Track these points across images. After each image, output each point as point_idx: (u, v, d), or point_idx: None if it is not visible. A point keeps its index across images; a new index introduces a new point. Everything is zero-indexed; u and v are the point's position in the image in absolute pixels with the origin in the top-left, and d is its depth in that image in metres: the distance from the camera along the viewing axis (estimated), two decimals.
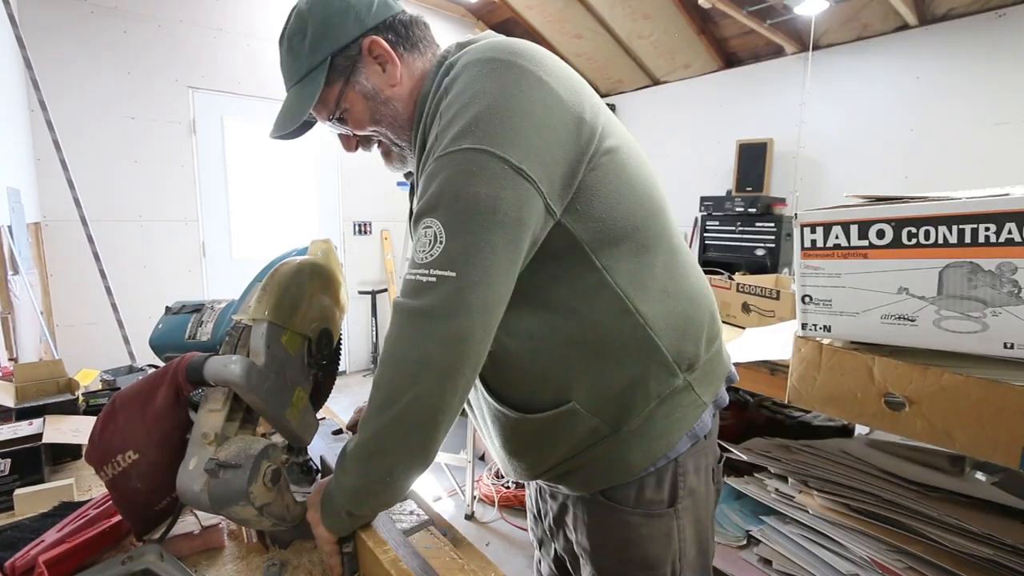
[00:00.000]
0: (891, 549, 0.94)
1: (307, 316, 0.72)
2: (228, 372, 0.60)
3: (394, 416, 0.57)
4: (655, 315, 0.66)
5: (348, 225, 4.51)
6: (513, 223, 0.57)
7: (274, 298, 0.67)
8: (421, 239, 0.58)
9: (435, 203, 0.58)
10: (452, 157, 0.57)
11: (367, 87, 0.72)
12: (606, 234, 0.63)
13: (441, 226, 0.56)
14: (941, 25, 3.87)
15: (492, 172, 0.56)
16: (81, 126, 3.18)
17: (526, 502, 0.99)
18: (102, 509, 0.73)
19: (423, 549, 0.67)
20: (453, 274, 0.55)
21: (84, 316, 3.22)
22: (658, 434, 0.69)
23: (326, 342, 0.75)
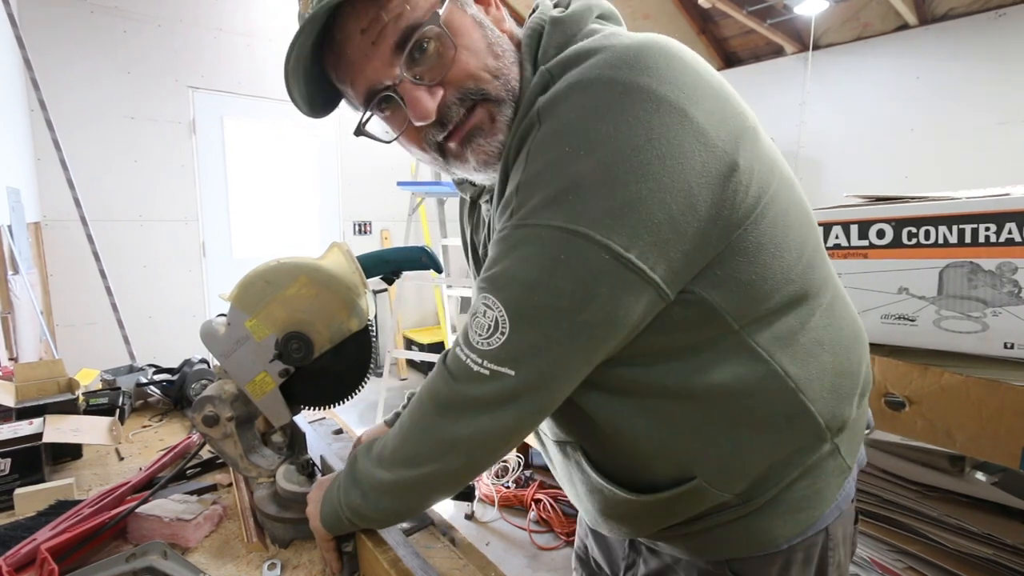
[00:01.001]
0: (891, 549, 0.94)
1: (274, 313, 0.74)
2: (202, 327, 0.75)
3: (412, 478, 0.54)
4: (807, 375, 0.53)
5: (348, 225, 4.51)
6: (603, 323, 0.45)
7: (240, 286, 0.74)
8: (480, 318, 0.48)
9: (503, 284, 0.46)
10: (536, 233, 0.44)
11: (476, 13, 0.52)
12: (754, 297, 0.49)
13: (506, 315, 0.46)
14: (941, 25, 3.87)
15: (586, 263, 0.43)
16: (81, 126, 3.18)
17: (575, 541, 0.87)
18: (96, 507, 0.74)
19: (423, 549, 0.67)
20: (512, 373, 0.47)
21: (84, 316, 3.22)
22: (798, 506, 0.57)
23: (296, 346, 0.75)
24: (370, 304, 0.78)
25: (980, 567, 0.84)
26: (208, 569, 0.65)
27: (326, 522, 0.63)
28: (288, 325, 0.74)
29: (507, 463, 2.63)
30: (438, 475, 0.53)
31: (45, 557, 0.60)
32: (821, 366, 0.54)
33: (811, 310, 0.53)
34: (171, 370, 1.35)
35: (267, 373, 0.75)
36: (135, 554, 0.62)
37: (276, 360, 0.75)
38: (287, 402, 0.78)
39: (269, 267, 0.74)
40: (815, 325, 0.54)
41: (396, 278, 0.87)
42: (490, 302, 0.47)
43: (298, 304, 0.74)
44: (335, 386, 0.81)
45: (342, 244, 0.77)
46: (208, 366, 1.30)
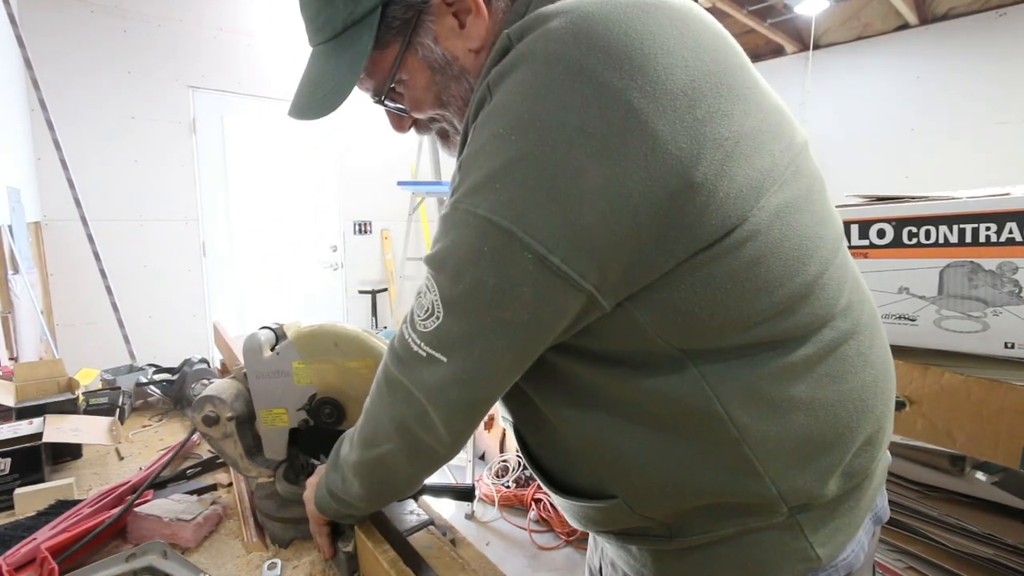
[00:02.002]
0: (891, 549, 0.94)
1: (326, 373, 0.74)
2: (249, 338, 0.73)
3: (372, 458, 0.54)
4: (761, 431, 0.44)
5: (348, 224, 4.51)
6: (526, 324, 0.42)
7: (308, 334, 0.72)
8: (421, 298, 0.47)
9: (438, 265, 0.44)
10: (465, 219, 0.41)
11: (436, 54, 0.51)
12: (698, 330, 0.43)
13: (440, 300, 0.44)
14: (941, 24, 3.87)
15: (510, 260, 0.40)
16: (81, 126, 3.19)
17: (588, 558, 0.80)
18: (96, 507, 0.74)
19: (423, 549, 0.67)
20: (444, 360, 0.44)
21: (84, 316, 3.22)
22: (735, 569, 0.49)
23: (329, 411, 0.75)
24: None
25: (980, 567, 0.84)
26: (208, 569, 0.65)
27: (318, 504, 0.63)
28: (332, 391, 0.74)
29: (507, 463, 2.64)
30: (393, 455, 0.52)
31: (45, 557, 0.60)
32: (786, 426, 0.45)
33: (789, 362, 0.44)
34: (171, 370, 1.35)
35: (287, 412, 0.75)
36: (135, 554, 0.62)
37: (302, 410, 0.75)
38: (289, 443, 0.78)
39: (347, 334, 0.73)
40: (792, 377, 0.44)
41: None
42: (429, 284, 0.45)
43: (352, 380, 0.74)
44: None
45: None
46: (208, 366, 1.30)
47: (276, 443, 0.77)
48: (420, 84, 0.53)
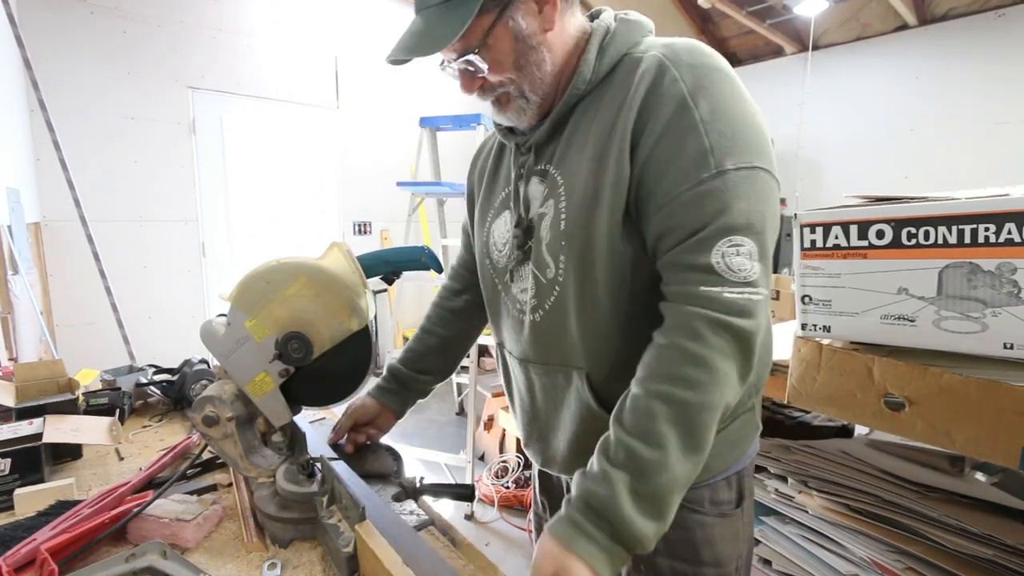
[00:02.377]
0: (891, 549, 0.94)
1: (274, 313, 0.74)
2: (202, 327, 0.76)
3: (704, 441, 0.56)
4: (765, 340, 0.69)
5: (348, 225, 4.51)
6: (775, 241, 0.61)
7: (240, 287, 0.74)
8: (734, 256, 0.56)
9: (747, 221, 0.56)
10: (750, 176, 0.57)
11: (521, 26, 0.64)
12: None
13: (755, 246, 0.56)
14: (941, 25, 3.87)
15: (775, 193, 0.60)
16: (81, 126, 3.18)
17: (532, 504, 0.98)
18: (96, 507, 0.74)
19: None
20: (767, 292, 0.58)
21: (84, 316, 3.22)
22: (731, 445, 0.72)
23: (296, 346, 0.75)
24: (370, 304, 0.78)
25: (980, 567, 0.84)
26: (208, 569, 0.65)
27: (610, 559, 0.53)
28: (288, 325, 0.74)
29: (507, 463, 2.64)
30: (717, 409, 0.56)
31: (45, 557, 0.60)
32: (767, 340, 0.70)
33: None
34: (171, 370, 1.35)
35: (267, 373, 0.75)
36: (135, 554, 0.62)
37: (276, 360, 0.75)
38: (287, 402, 0.78)
39: (269, 267, 0.74)
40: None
41: (396, 278, 0.87)
42: (741, 240, 0.56)
43: (298, 304, 0.74)
44: (335, 386, 0.81)
45: (342, 244, 0.77)
46: (208, 366, 1.30)
47: (276, 408, 0.78)
48: (504, 49, 0.65)
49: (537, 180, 0.71)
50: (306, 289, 0.74)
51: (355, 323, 0.76)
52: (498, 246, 0.77)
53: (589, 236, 0.62)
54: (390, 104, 4.62)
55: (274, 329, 0.74)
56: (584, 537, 0.52)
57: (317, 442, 1.00)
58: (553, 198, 0.67)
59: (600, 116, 0.64)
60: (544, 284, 0.69)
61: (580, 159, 0.64)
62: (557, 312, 0.68)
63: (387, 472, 0.86)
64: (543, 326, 0.70)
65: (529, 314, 0.72)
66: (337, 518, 0.70)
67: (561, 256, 0.65)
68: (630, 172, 0.60)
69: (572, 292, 0.66)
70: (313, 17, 4.12)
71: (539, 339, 0.72)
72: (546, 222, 0.68)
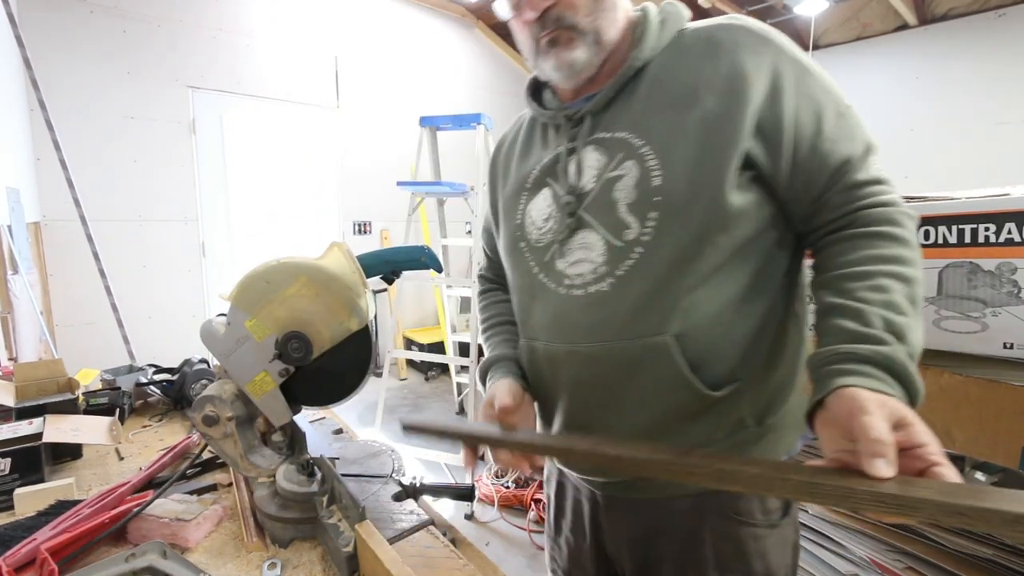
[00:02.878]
0: (891, 549, 0.94)
1: (274, 313, 0.74)
2: (202, 327, 0.76)
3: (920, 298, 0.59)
4: (804, 316, 0.71)
5: (348, 225, 4.51)
6: None
7: (240, 286, 0.74)
8: (880, 169, 0.63)
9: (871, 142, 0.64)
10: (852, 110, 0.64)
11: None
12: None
13: (874, 148, 0.64)
14: (941, 25, 3.87)
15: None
16: (81, 126, 3.18)
17: (545, 510, 0.91)
18: (96, 507, 0.74)
19: (423, 549, 0.67)
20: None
21: (84, 316, 3.22)
22: (784, 434, 0.70)
23: (296, 346, 0.75)
24: (370, 304, 0.78)
25: (980, 567, 0.84)
26: (208, 569, 0.65)
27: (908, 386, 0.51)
28: (288, 325, 0.74)
29: None
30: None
31: (45, 557, 0.60)
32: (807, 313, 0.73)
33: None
34: (171, 370, 1.35)
35: (267, 373, 0.75)
36: (135, 554, 0.62)
37: (276, 360, 0.75)
38: (287, 402, 0.78)
39: (269, 267, 0.74)
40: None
41: (396, 278, 0.87)
42: (874, 156, 0.63)
43: (298, 304, 0.74)
44: (335, 385, 0.81)
45: (342, 244, 0.77)
46: (208, 366, 1.30)
47: (276, 408, 0.77)
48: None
49: (593, 148, 0.69)
50: (306, 289, 0.74)
51: (355, 323, 0.76)
52: (537, 224, 0.73)
53: (695, 190, 0.61)
54: (390, 104, 4.62)
55: (274, 329, 0.74)
56: (887, 389, 0.49)
57: (317, 442, 1.00)
58: (633, 159, 0.65)
59: (688, 78, 0.64)
60: (619, 247, 0.65)
61: (675, 119, 0.64)
62: (638, 275, 0.64)
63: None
64: (615, 295, 0.65)
65: (591, 286, 0.67)
66: (337, 518, 0.70)
67: (652, 213, 0.63)
68: (754, 126, 0.61)
69: (666, 250, 0.63)
70: (313, 17, 4.12)
71: (606, 311, 0.66)
72: (626, 183, 0.65)
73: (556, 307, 0.70)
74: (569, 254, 0.69)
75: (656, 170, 0.63)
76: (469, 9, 4.96)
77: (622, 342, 0.65)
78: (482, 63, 5.31)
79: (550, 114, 0.75)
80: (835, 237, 0.62)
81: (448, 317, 3.82)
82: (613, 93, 0.68)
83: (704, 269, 0.63)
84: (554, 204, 0.71)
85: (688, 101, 0.63)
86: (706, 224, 0.62)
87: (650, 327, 0.64)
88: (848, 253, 0.60)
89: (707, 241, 0.62)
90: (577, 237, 0.68)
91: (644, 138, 0.65)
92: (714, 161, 0.61)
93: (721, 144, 0.61)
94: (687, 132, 0.62)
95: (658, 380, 0.65)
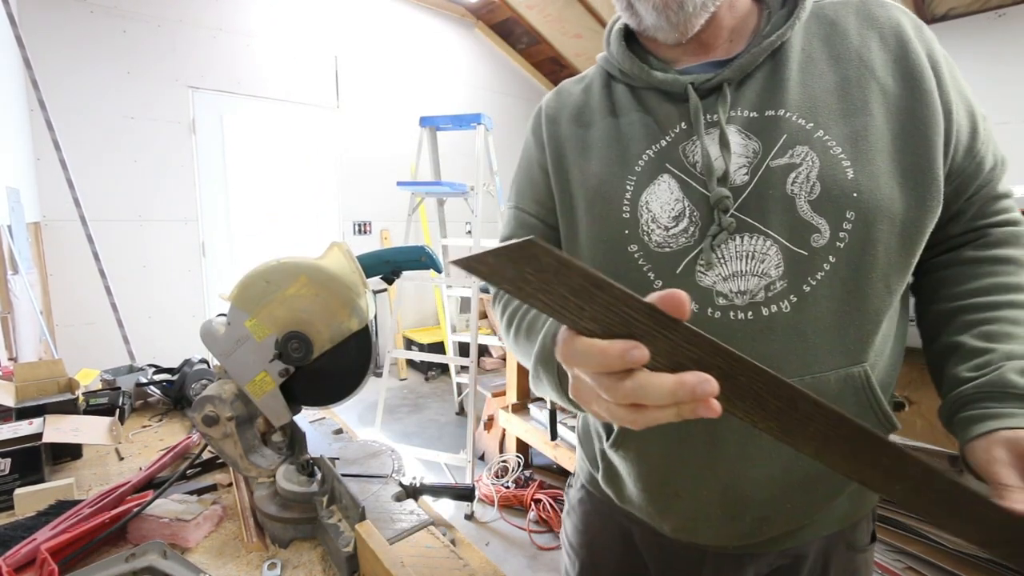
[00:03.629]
0: (891, 549, 0.94)
1: (274, 313, 0.74)
2: (202, 327, 0.76)
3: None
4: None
5: (348, 225, 4.51)
6: None
7: (240, 286, 0.74)
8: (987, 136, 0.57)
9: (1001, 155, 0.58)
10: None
11: None
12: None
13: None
14: (941, 25, 3.87)
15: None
16: (81, 126, 3.18)
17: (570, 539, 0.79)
18: (96, 507, 0.74)
19: (423, 549, 0.67)
20: None
21: (83, 316, 3.22)
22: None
23: (296, 346, 0.75)
24: (370, 304, 0.78)
25: (980, 567, 0.84)
26: (208, 569, 0.65)
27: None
28: (288, 325, 0.74)
29: (507, 463, 2.64)
30: None
31: (45, 557, 0.60)
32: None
33: None
34: (171, 370, 1.35)
35: (267, 373, 0.75)
36: (135, 554, 0.62)
37: (276, 360, 0.75)
38: (287, 402, 0.78)
39: (269, 267, 0.74)
40: None
41: (396, 278, 0.87)
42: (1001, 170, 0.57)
43: (298, 304, 0.74)
44: (335, 386, 0.81)
45: (342, 244, 0.77)
46: (208, 366, 1.30)
47: (276, 408, 0.78)
48: None
49: (735, 130, 0.55)
50: (306, 289, 0.74)
51: (355, 323, 0.76)
52: (662, 222, 0.56)
53: (902, 186, 0.51)
54: (390, 104, 4.62)
55: (274, 329, 0.74)
56: None
57: (317, 442, 1.00)
58: (807, 145, 0.52)
59: (851, 53, 0.54)
60: (803, 257, 0.51)
61: (851, 100, 0.52)
62: (829, 292, 0.51)
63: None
64: (800, 317, 0.52)
65: (764, 307, 0.52)
66: (337, 518, 0.70)
67: (848, 214, 0.50)
68: (941, 112, 0.51)
69: (868, 258, 0.50)
70: (313, 17, 4.12)
71: (791, 338, 0.52)
72: (804, 174, 0.52)
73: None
74: (721, 265, 0.54)
75: (845, 160, 0.51)
76: (469, 9, 4.96)
77: (811, 377, 0.52)
78: (482, 63, 5.31)
79: (664, 77, 0.58)
80: (963, 256, 0.56)
81: (448, 317, 3.82)
82: (757, 62, 0.55)
83: (904, 284, 0.53)
84: (685, 198, 0.55)
85: (862, 80, 0.52)
86: (914, 228, 0.51)
87: (850, 355, 0.52)
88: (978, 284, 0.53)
89: (914, 249, 0.52)
90: (732, 244, 0.53)
91: (814, 120, 0.52)
92: (917, 151, 0.51)
93: (922, 132, 0.51)
94: (873, 116, 0.51)
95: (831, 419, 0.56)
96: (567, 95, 0.68)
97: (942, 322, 0.54)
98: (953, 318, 0.53)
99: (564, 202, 0.64)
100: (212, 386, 0.77)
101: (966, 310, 0.52)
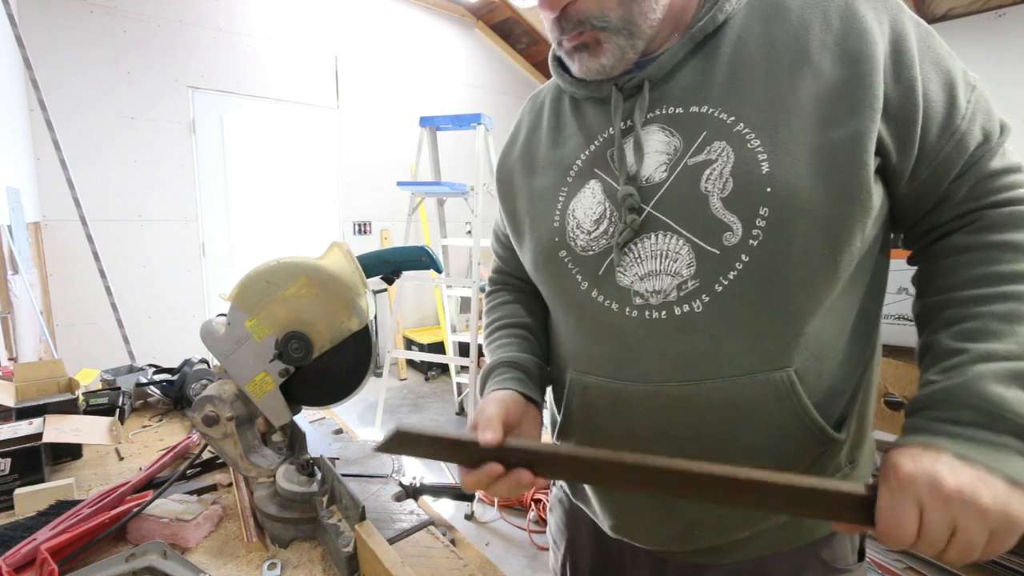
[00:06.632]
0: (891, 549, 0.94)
1: (274, 313, 0.74)
2: (202, 327, 0.76)
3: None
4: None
5: (348, 225, 4.51)
6: None
7: (240, 286, 0.74)
8: (1011, 152, 0.53)
9: (1002, 122, 0.52)
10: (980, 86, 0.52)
11: None
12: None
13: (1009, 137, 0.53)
14: (941, 25, 3.87)
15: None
16: (81, 126, 3.18)
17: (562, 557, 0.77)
18: (96, 507, 0.74)
19: (423, 549, 0.67)
20: None
21: (83, 316, 3.22)
22: (865, 468, 0.60)
23: (296, 346, 0.75)
24: (370, 304, 0.78)
25: (980, 567, 0.84)
26: (208, 569, 0.65)
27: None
28: (288, 325, 0.74)
29: None
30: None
31: (45, 557, 0.60)
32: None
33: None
34: (171, 370, 1.35)
35: (267, 373, 0.76)
36: (135, 554, 0.62)
37: (276, 360, 0.75)
38: (287, 402, 0.78)
39: (269, 267, 0.74)
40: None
41: (396, 278, 0.87)
42: (1005, 136, 0.52)
43: (298, 304, 0.74)
44: (335, 386, 0.81)
45: (342, 244, 0.77)
46: (208, 366, 1.30)
47: (276, 408, 0.78)
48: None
49: (659, 127, 0.54)
50: (306, 289, 0.74)
51: (355, 323, 0.76)
52: (585, 227, 0.57)
53: (823, 179, 0.48)
54: (390, 104, 4.62)
55: (274, 329, 0.74)
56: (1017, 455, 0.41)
57: (317, 442, 1.00)
58: (724, 140, 0.50)
59: (789, 36, 0.51)
60: (715, 255, 0.50)
61: (779, 89, 0.50)
62: (745, 291, 0.50)
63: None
64: (714, 317, 0.51)
65: (677, 306, 0.52)
66: (337, 518, 0.70)
67: (762, 210, 0.48)
68: (884, 101, 0.48)
69: (783, 257, 0.49)
70: (313, 17, 4.12)
71: (704, 339, 0.51)
72: (718, 171, 0.50)
73: (624, 333, 0.55)
74: (636, 265, 0.54)
75: (762, 153, 0.49)
76: (469, 9, 4.96)
77: (729, 380, 0.51)
78: (482, 63, 5.31)
79: (592, 86, 0.59)
80: (954, 244, 0.51)
81: (448, 317, 3.82)
82: (682, 54, 0.54)
83: (834, 284, 0.50)
84: (607, 201, 0.56)
85: (795, 66, 0.50)
86: (839, 224, 0.48)
87: (769, 359, 0.50)
88: (966, 273, 0.49)
89: (840, 246, 0.49)
90: (647, 242, 0.53)
91: (736, 113, 0.51)
92: (844, 141, 0.47)
93: (850, 119, 0.47)
94: (799, 105, 0.49)
95: (774, 426, 0.51)
96: (523, 111, 0.74)
97: (926, 318, 0.52)
98: (938, 313, 0.50)
99: (514, 226, 0.69)
100: (212, 386, 0.77)
101: (949, 304, 0.50)
